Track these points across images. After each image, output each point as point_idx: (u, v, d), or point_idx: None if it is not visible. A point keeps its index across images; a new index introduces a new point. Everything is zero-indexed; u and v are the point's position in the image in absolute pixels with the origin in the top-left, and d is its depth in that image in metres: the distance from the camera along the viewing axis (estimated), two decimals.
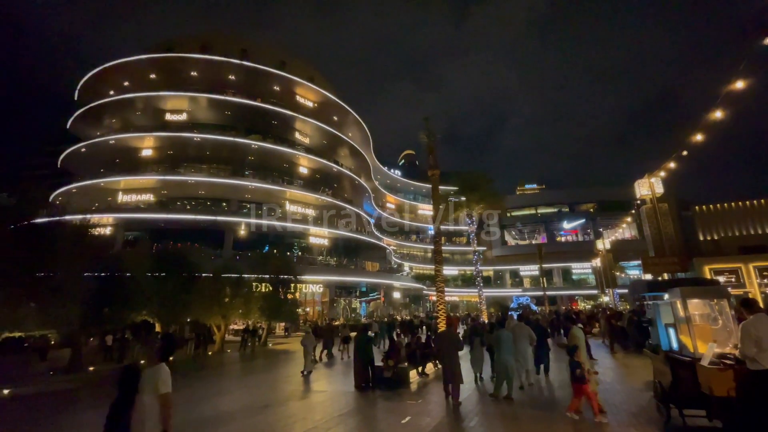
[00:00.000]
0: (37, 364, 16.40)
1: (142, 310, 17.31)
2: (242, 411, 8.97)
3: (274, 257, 27.59)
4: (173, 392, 3.61)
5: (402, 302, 52.54)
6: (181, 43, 38.83)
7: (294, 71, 40.69)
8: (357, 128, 48.31)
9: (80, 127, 39.17)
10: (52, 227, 14.98)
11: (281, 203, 39.50)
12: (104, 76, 37.59)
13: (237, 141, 36.13)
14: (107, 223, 33.41)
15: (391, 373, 10.89)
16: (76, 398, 11.31)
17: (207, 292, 20.50)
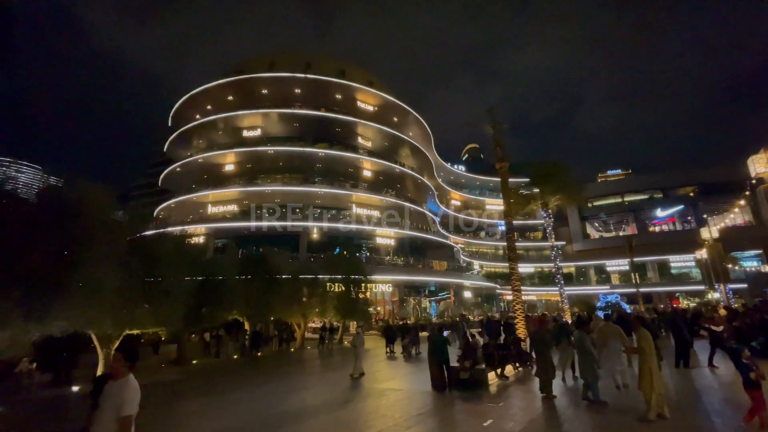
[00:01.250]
0: (152, 358, 18.94)
1: (233, 309, 19.06)
2: (324, 405, 9.34)
3: (344, 258, 28.57)
4: (255, 387, 3.59)
5: (474, 301, 50.97)
6: (252, 64, 42.21)
7: (353, 78, 41.87)
8: (417, 127, 48.09)
9: (174, 149, 44.59)
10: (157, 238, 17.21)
11: (348, 206, 40.83)
12: (191, 102, 42.33)
13: (305, 150, 38.22)
14: (200, 232, 37.51)
15: (468, 375, 10.52)
16: (182, 388, 12.78)
17: (287, 293, 21.92)
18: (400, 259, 41.77)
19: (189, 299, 14.97)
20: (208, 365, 17.64)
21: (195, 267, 17.14)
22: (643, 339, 7.11)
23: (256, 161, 39.93)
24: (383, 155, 43.91)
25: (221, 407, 9.61)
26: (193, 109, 42.61)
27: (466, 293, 49.72)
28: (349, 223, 37.78)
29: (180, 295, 14.39)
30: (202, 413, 9.14)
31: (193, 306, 15.58)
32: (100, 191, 11.48)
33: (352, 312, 25.60)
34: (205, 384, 13.40)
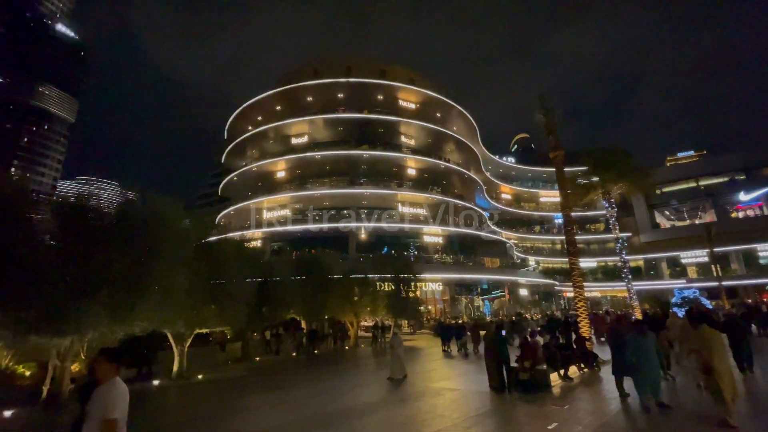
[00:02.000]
0: (219, 355, 20.38)
1: (290, 309, 19.94)
2: (381, 403, 9.41)
3: (392, 257, 28.73)
4: (314, 384, 3.60)
5: (530, 299, 48.72)
6: (297, 74, 43.89)
7: (394, 77, 41.96)
8: (462, 121, 47.01)
9: (231, 160, 47.65)
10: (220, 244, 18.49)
11: (394, 205, 40.96)
12: (243, 115, 44.98)
13: (350, 153, 38.98)
14: (257, 236, 39.75)
15: (528, 376, 10.05)
16: (248, 383, 13.58)
17: (339, 292, 22.47)
18: (449, 257, 41.08)
19: (250, 299, 15.91)
20: (269, 362, 18.59)
21: (254, 269, 18.19)
22: (706, 338, 6.41)
23: (304, 167, 41.45)
24: (427, 152, 43.51)
25: (283, 402, 10.06)
26: (245, 121, 45.24)
27: (521, 291, 47.68)
28: (395, 223, 37.89)
29: (242, 295, 15.35)
30: (268, 408, 9.63)
31: (254, 306, 16.52)
32: (169, 203, 12.54)
33: (402, 311, 25.66)
34: (268, 380, 14.13)
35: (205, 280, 14.02)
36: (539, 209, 61.90)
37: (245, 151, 46.05)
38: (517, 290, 47.05)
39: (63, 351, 10.21)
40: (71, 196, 11.55)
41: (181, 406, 10.80)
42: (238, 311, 15.11)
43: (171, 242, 11.64)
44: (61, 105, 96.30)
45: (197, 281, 13.23)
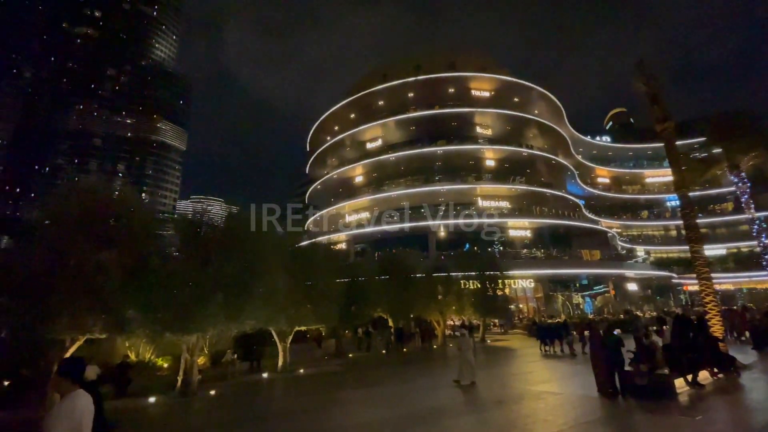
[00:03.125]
0: (316, 351, 21.86)
1: (377, 307, 20.50)
2: (476, 404, 9.09)
3: (476, 254, 27.75)
4: (405, 381, 3.47)
5: (641, 295, 42.92)
6: (367, 80, 45.13)
7: (464, 67, 40.63)
8: (544, 103, 43.51)
9: (314, 170, 50.96)
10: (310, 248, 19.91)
11: (473, 200, 39.58)
12: (322, 126, 47.80)
13: (423, 151, 38.76)
14: (342, 240, 41.78)
15: (646, 380, 8.80)
16: (343, 379, 14.28)
17: (422, 291, 22.42)
18: (540, 251, 38.23)
19: (341, 299, 16.76)
20: (361, 358, 19.35)
21: (342, 270, 19.15)
22: None
23: (380, 170, 42.40)
24: (506, 140, 41.19)
25: (378, 398, 10.34)
26: (324, 132, 48.00)
27: (630, 286, 42.25)
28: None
29: (333, 295, 16.27)
30: (363, 403, 10.00)
31: (344, 305, 17.37)
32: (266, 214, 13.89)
33: (490, 310, 24.61)
34: (362, 376, 14.70)
35: (300, 281, 15.16)
36: (645, 191, 54.25)
37: (326, 160, 48.83)
38: (624, 285, 41.81)
39: (191, 346, 11.90)
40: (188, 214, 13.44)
41: (287, 397, 11.78)
42: (331, 310, 16.05)
43: (270, 249, 12.82)
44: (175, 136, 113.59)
45: (294, 283, 14.37)
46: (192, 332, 11.37)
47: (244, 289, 11.76)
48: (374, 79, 43.66)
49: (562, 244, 40.48)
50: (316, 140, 49.02)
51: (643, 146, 53.34)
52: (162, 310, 10.61)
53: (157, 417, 9.75)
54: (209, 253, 11.75)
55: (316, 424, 8.10)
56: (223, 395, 11.68)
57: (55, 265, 9.48)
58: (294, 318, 15.22)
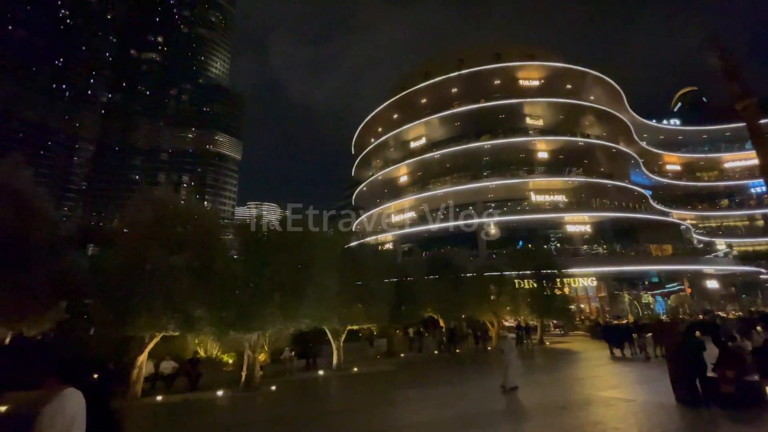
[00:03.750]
0: (368, 350, 22.12)
1: (427, 307, 20.30)
2: (537, 409, 8.63)
3: (530, 252, 26.39)
4: (459, 383, 3.38)
5: (724, 293, 38.42)
6: (409, 80, 44.99)
7: (510, 57, 39.06)
8: (601, 88, 40.57)
9: (359, 172, 51.80)
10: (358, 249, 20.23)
11: (525, 195, 37.85)
12: (366, 129, 48.45)
13: (469, 146, 37.75)
14: (388, 240, 42.02)
15: (733, 388, 7.82)
16: (396, 378, 14.29)
17: (473, 291, 21.81)
18: (602, 247, 35.63)
19: (390, 299, 16.82)
20: (413, 359, 19.27)
21: (390, 270, 19.22)
22: None
23: (424, 168, 42.03)
24: (560, 130, 38.95)
25: (431, 398, 10.21)
26: (368, 134, 48.62)
27: (709, 283, 38.00)
28: (528, 214, 34.97)
29: (383, 295, 16.38)
30: (417, 402, 9.92)
31: (394, 304, 17.41)
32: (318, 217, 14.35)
33: (548, 310, 23.34)
34: (414, 376, 14.62)
35: (350, 282, 15.45)
36: (724, 178, 48.60)
37: (371, 162, 49.42)
38: (702, 282, 37.69)
39: (252, 344, 12.57)
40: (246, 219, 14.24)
41: (342, 394, 12.03)
42: (381, 309, 16.17)
43: (321, 250, 13.20)
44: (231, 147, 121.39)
45: (344, 283, 14.67)
46: (253, 330, 12.01)
47: (298, 290, 12.22)
48: (416, 77, 43.43)
49: (627, 239, 37.40)
50: (360, 143, 49.82)
51: (719, 127, 47.82)
52: (226, 310, 11.32)
53: (226, 409, 10.40)
54: (266, 256, 12.34)
55: (372, 423, 8.16)
56: (283, 391, 12.20)
57: (133, 269, 10.49)
58: (346, 317, 15.55)
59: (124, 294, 10.29)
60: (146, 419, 9.69)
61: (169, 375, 13.04)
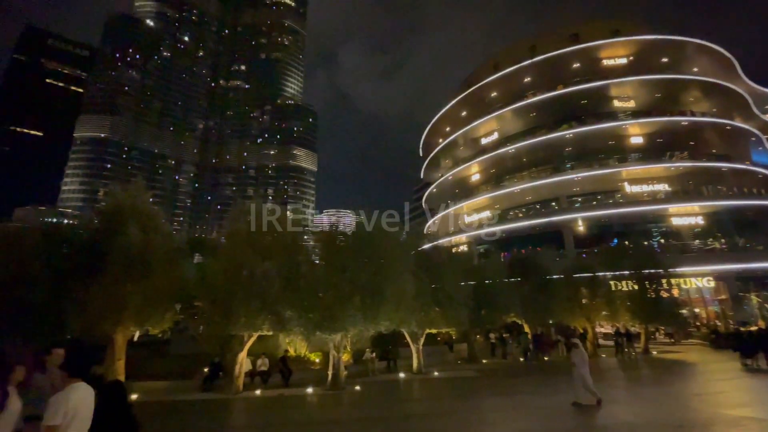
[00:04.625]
0: (448, 354, 21.62)
1: (510, 312, 19.22)
2: (647, 427, 7.57)
3: (628, 250, 23.50)
4: (550, 395, 3.12)
5: None
6: (477, 74, 43.57)
7: (590, 36, 35.61)
8: (707, 56, 34.91)
9: (428, 173, 51.45)
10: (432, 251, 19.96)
11: (618, 187, 33.94)
12: (433, 130, 48.00)
13: (548, 137, 35.10)
14: (462, 241, 40.93)
15: None
16: (479, 385, 13.72)
17: (562, 294, 20.17)
18: (719, 241, 30.42)
19: (468, 302, 16.29)
20: (497, 365, 18.36)
21: (466, 273, 18.61)
22: None
23: (498, 164, 40.16)
24: (656, 110, 34.33)
25: (518, 408, 9.60)
26: (436, 135, 48.12)
27: None
28: (622, 207, 31.32)
29: (460, 298, 15.93)
30: (502, 411, 9.39)
31: (473, 308, 16.81)
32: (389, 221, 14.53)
33: (653, 315, 20.55)
34: (499, 384, 13.90)
35: (426, 284, 15.31)
36: None
37: (440, 162, 48.79)
38: None
39: (336, 344, 13.12)
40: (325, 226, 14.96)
41: (425, 398, 11.90)
42: (460, 313, 15.73)
43: (396, 253, 13.32)
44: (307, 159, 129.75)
45: (420, 286, 14.58)
46: (336, 331, 12.52)
47: (377, 292, 12.45)
48: (485, 71, 41.91)
49: (752, 231, 31.32)
50: (429, 144, 49.52)
51: None
52: (312, 311, 12.00)
53: (316, 406, 10.98)
54: (345, 260, 12.83)
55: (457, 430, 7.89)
56: (367, 391, 12.49)
57: (232, 275, 11.67)
58: (424, 320, 15.42)
59: (226, 297, 11.49)
60: (249, 412, 10.65)
61: (265, 371, 14.20)
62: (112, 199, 12.42)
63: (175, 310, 13.62)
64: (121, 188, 12.72)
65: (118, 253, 10.84)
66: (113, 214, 11.91)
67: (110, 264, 10.80)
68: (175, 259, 12.57)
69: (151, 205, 13.33)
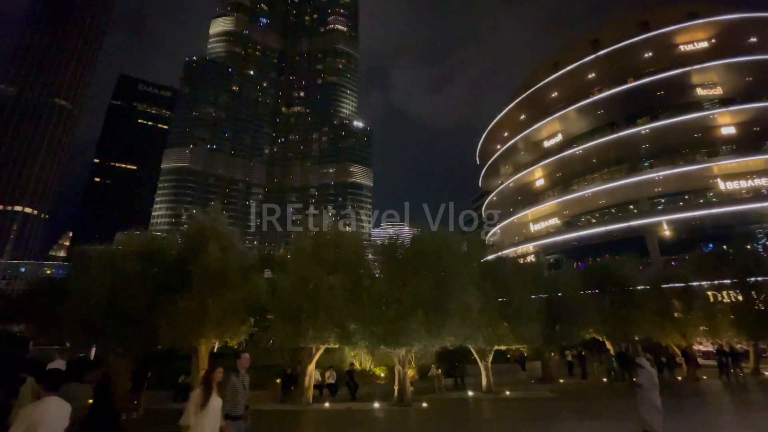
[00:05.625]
0: (520, 373, 20.27)
1: (588, 327, 17.58)
2: None
3: (727, 255, 20.43)
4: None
5: None
6: (536, 75, 41.72)
7: (663, 22, 32.48)
8: None
9: (487, 181, 49.90)
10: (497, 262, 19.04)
11: (708, 184, 29.99)
12: (490, 136, 46.66)
13: (620, 135, 32.27)
14: (529, 251, 38.72)
15: None
16: (558, 406, 12.61)
17: (648, 306, 18.05)
18: None
19: (540, 317, 15.20)
20: (576, 386, 16.81)
21: (536, 285, 17.42)
22: None
23: (564, 168, 37.68)
24: (748, 96, 30.03)
25: None
26: (493, 141, 46.71)
27: None
28: (716, 207, 27.51)
29: (531, 312, 14.91)
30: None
31: (546, 324, 15.66)
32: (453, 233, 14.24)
33: (763, 329, 17.57)
34: (579, 406, 12.65)
35: (492, 298, 14.59)
36: None
37: (498, 169, 47.14)
38: None
39: (401, 359, 12.95)
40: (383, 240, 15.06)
41: (498, 419, 11.19)
42: (531, 329, 14.70)
43: (459, 265, 12.92)
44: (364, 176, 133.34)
45: (486, 300, 13.92)
46: (400, 345, 12.37)
47: (440, 306, 12.12)
48: (544, 71, 40.06)
49: None
50: (485, 152, 48.20)
51: None
52: (376, 325, 12.01)
53: (384, 422, 10.85)
54: (407, 273, 12.73)
55: None
56: (435, 409, 12.10)
57: (300, 289, 12.16)
58: (491, 336, 14.65)
59: (295, 310, 11.97)
60: (322, 424, 10.84)
61: (333, 384, 14.45)
62: (195, 222, 13.76)
63: (250, 322, 14.48)
64: (201, 212, 14.07)
65: (200, 271, 11.87)
66: (195, 235, 13.15)
67: (194, 281, 11.86)
68: (248, 274, 13.44)
69: (227, 226, 14.50)
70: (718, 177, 29.60)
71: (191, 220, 14.75)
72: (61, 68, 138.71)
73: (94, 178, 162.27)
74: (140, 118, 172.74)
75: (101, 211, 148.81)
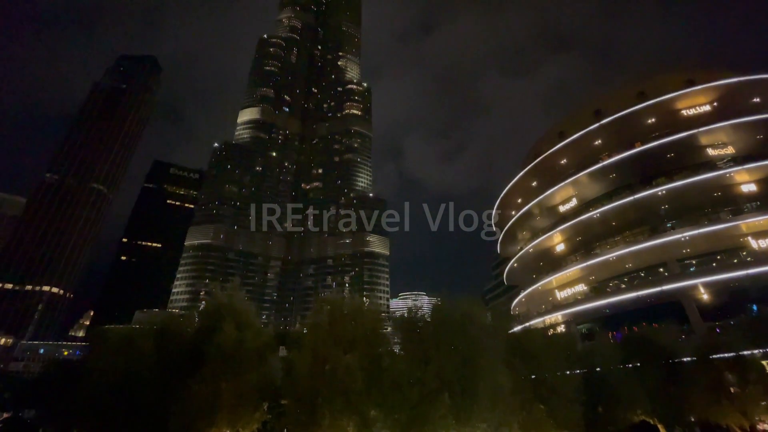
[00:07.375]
0: None
1: (636, 408, 15.69)
2: None
3: None
4: None
5: None
6: (543, 143, 43.27)
7: (660, 91, 34.11)
8: None
9: (505, 248, 49.11)
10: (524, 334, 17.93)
11: (739, 243, 28.69)
12: (504, 203, 47.07)
13: (637, 197, 32.02)
14: (558, 321, 36.47)
15: None
16: None
17: (699, 381, 16.15)
18: None
19: (580, 396, 13.76)
20: None
21: (570, 359, 16.11)
22: None
23: (584, 231, 37.01)
24: (763, 153, 30.03)
25: None
26: (508, 207, 46.98)
27: None
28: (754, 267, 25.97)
29: (568, 392, 13.56)
30: None
31: (586, 404, 14.10)
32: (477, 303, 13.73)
33: None
34: None
35: (523, 375, 13.46)
36: None
37: (516, 235, 46.65)
38: None
39: None
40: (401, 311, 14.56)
41: None
42: (570, 412, 13.23)
43: (485, 338, 12.20)
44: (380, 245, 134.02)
45: (516, 377, 12.84)
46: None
47: (467, 388, 11.20)
48: (550, 140, 41.61)
49: None
50: (501, 218, 48.24)
51: None
52: (397, 411, 11.05)
53: None
54: (429, 349, 12.04)
55: None
56: None
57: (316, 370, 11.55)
58: (528, 422, 13.21)
59: (310, 394, 11.24)
60: None
61: None
62: (212, 299, 13.79)
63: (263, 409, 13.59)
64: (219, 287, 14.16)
65: (215, 351, 11.56)
66: (212, 312, 13.07)
67: (208, 362, 11.49)
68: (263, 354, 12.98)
69: (244, 302, 14.42)
70: (748, 235, 28.35)
71: (209, 297, 14.81)
72: (102, 158, 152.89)
73: (120, 257, 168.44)
74: (169, 199, 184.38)
75: (124, 288, 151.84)
